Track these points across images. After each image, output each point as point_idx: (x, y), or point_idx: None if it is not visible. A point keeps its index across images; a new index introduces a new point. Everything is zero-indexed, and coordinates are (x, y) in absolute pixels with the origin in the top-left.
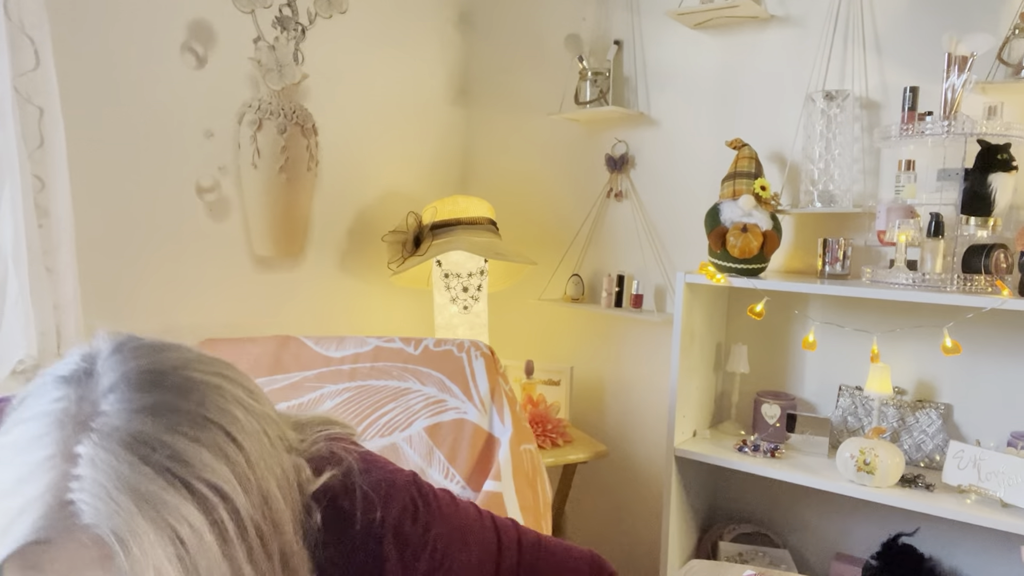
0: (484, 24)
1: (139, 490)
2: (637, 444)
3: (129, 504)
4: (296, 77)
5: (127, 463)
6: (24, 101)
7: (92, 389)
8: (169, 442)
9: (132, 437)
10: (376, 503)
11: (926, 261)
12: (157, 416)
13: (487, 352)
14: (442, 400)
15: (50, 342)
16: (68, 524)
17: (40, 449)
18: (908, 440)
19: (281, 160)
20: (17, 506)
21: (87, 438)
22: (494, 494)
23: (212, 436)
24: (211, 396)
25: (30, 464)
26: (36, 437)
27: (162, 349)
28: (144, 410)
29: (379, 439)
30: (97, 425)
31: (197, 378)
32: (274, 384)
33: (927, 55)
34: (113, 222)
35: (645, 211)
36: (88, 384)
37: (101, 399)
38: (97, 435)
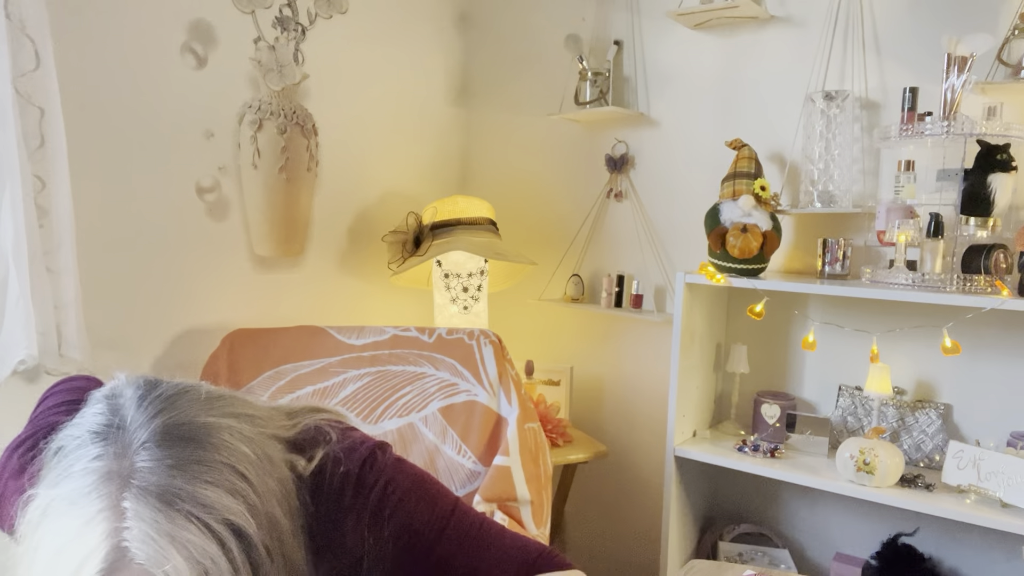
0: (484, 24)
1: (173, 535)
2: (637, 444)
3: (168, 546)
4: (296, 77)
5: (163, 514)
6: (24, 101)
7: (127, 446)
8: (192, 492)
9: (164, 491)
10: (342, 460)
11: (926, 261)
12: (182, 469)
13: (495, 340)
14: (454, 383)
15: (51, 342)
16: (125, 563)
17: (93, 503)
18: (908, 440)
19: (281, 160)
20: (84, 551)
21: (130, 493)
22: (503, 468)
23: (226, 478)
24: (223, 439)
25: (86, 516)
26: (86, 492)
27: (179, 396)
28: (172, 466)
29: (397, 419)
30: (136, 481)
31: (211, 423)
32: (303, 369)
33: (927, 55)
34: (113, 222)
35: (645, 211)
36: (121, 440)
37: (135, 456)
38: (137, 490)
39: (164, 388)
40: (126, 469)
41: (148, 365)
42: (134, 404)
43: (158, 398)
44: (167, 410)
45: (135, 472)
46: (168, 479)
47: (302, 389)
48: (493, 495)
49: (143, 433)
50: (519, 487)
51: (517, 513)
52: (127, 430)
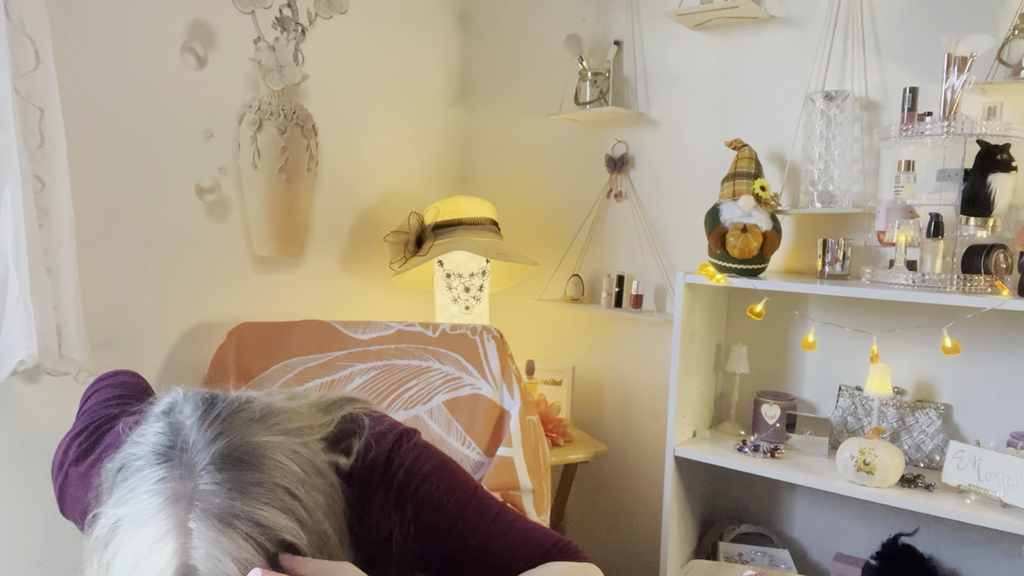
0: (484, 24)
1: (233, 554)
2: (637, 444)
3: (229, 563)
4: (296, 77)
5: (225, 534)
6: (24, 101)
7: (191, 468)
8: (250, 512)
9: (225, 512)
10: (372, 445)
11: (926, 261)
12: (241, 492)
13: (497, 335)
14: (459, 377)
15: (51, 342)
16: None
17: (162, 523)
18: (908, 440)
19: (281, 160)
20: (156, 567)
21: (194, 514)
22: (506, 459)
23: (279, 497)
24: (276, 459)
25: (156, 535)
26: (155, 513)
27: (235, 415)
28: (232, 489)
29: (403, 412)
30: (200, 503)
31: (265, 444)
32: (311, 362)
33: (927, 55)
34: (113, 222)
35: (645, 211)
36: (185, 462)
37: (198, 479)
38: (201, 511)
39: (221, 407)
40: (190, 491)
41: (148, 366)
42: (195, 425)
43: (217, 419)
44: (226, 433)
45: (198, 494)
46: (229, 501)
47: (310, 382)
48: (497, 484)
49: (205, 456)
50: (521, 477)
51: (519, 502)
52: (189, 452)
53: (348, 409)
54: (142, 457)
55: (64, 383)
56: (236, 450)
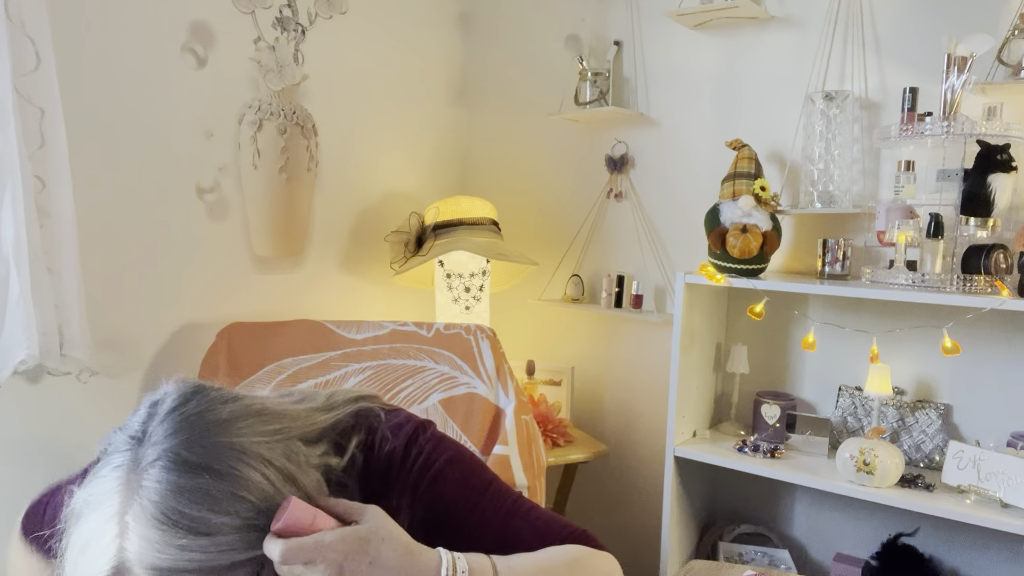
0: (484, 24)
1: (159, 567)
2: (637, 444)
3: (161, 559)
4: (296, 77)
5: (159, 533)
6: (25, 102)
7: (139, 461)
8: (194, 517)
9: (165, 514)
10: (389, 438)
11: (926, 262)
12: (188, 497)
13: (491, 334)
14: (454, 377)
15: (52, 342)
16: (124, 570)
17: (104, 511)
18: (908, 440)
19: (281, 160)
20: (96, 554)
21: (132, 509)
22: (502, 456)
23: (233, 508)
24: (236, 469)
25: (98, 522)
26: (101, 499)
27: (205, 413)
28: (177, 491)
29: None
30: (139, 498)
31: (229, 450)
32: (304, 363)
33: (927, 55)
34: (114, 222)
35: (645, 211)
36: (139, 453)
37: (144, 473)
38: (139, 508)
39: (195, 404)
40: (135, 483)
41: (149, 366)
42: (163, 418)
43: (183, 415)
44: (183, 431)
45: (141, 489)
46: (172, 503)
47: (304, 383)
48: None
49: (156, 451)
50: (517, 475)
51: None
52: (145, 444)
53: (358, 406)
54: (115, 440)
55: (65, 383)
56: (194, 452)
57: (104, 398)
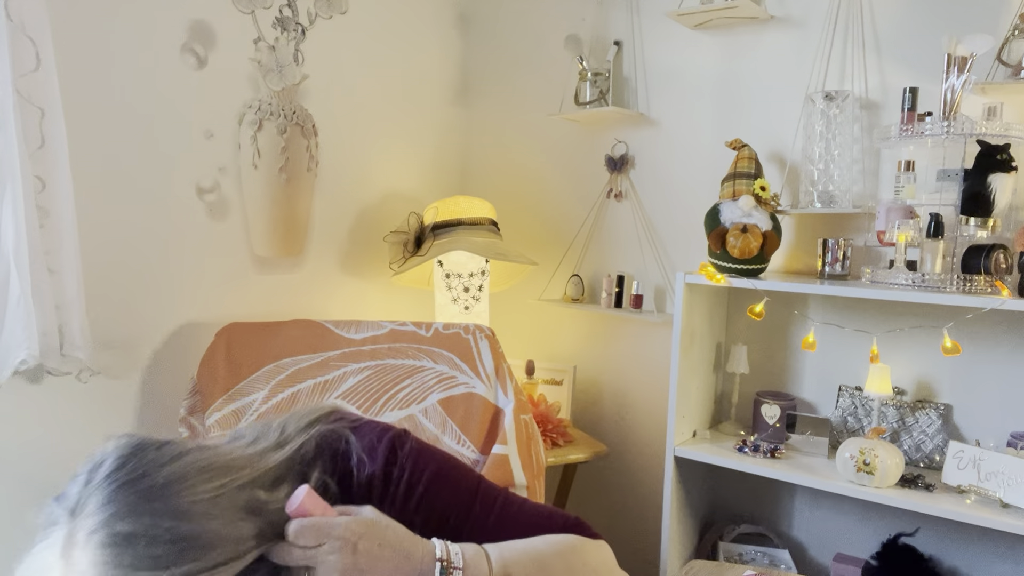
0: (484, 24)
1: None
2: (637, 444)
3: None
4: (296, 78)
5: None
6: (25, 102)
7: (75, 531)
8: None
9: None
10: (366, 462)
11: (926, 261)
12: (127, 562)
13: (489, 334)
14: (453, 376)
15: (52, 342)
16: None
17: (47, 551)
18: (908, 440)
19: (281, 160)
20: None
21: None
22: (501, 456)
23: (190, 561)
24: (186, 529)
25: (44, 551)
26: (45, 547)
27: (137, 480)
28: (114, 562)
29: (398, 411)
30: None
31: (173, 509)
32: (303, 363)
33: (927, 55)
34: (114, 222)
35: (645, 211)
36: (74, 525)
37: (78, 550)
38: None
39: (132, 467)
40: (70, 559)
41: (149, 366)
42: (96, 484)
43: (119, 483)
44: (120, 500)
45: (75, 566)
46: (111, 572)
47: (303, 383)
48: (493, 481)
49: (91, 523)
50: (516, 474)
51: None
52: (79, 516)
53: (316, 431)
54: (52, 512)
55: (66, 383)
56: (123, 521)
57: (104, 398)
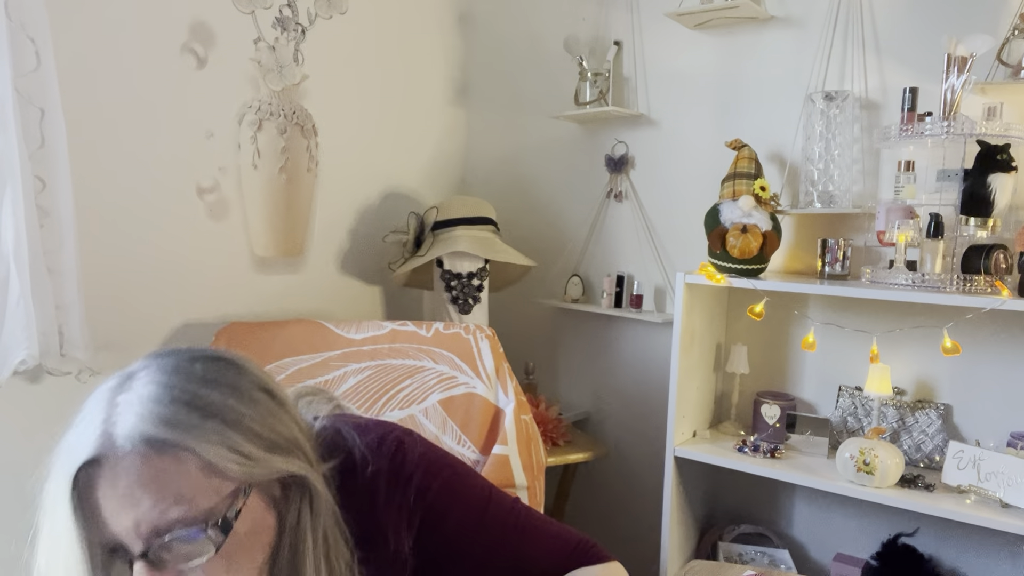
0: (484, 24)
1: (161, 416)
2: (637, 444)
3: (153, 426)
4: (296, 78)
5: (151, 408)
6: (25, 102)
7: (130, 376)
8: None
9: (161, 386)
10: (369, 458)
11: (926, 262)
12: (184, 384)
13: (490, 334)
14: (453, 376)
15: (52, 342)
16: (111, 446)
17: (91, 415)
18: (908, 440)
19: (281, 160)
20: (79, 443)
21: (122, 395)
22: (502, 456)
23: (233, 416)
24: (243, 385)
25: (84, 423)
26: (86, 413)
27: (217, 371)
28: (172, 382)
29: (398, 411)
30: (131, 389)
31: (232, 380)
32: (304, 363)
33: (927, 55)
34: (114, 222)
35: (645, 211)
36: (127, 375)
37: (134, 381)
38: (131, 392)
39: (203, 364)
40: (125, 387)
41: None
42: (165, 364)
43: (179, 356)
44: (180, 367)
45: (133, 382)
46: (172, 380)
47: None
48: (493, 482)
49: (146, 372)
50: (517, 474)
51: None
52: (135, 374)
53: (324, 415)
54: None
55: (66, 383)
56: (179, 370)
57: None
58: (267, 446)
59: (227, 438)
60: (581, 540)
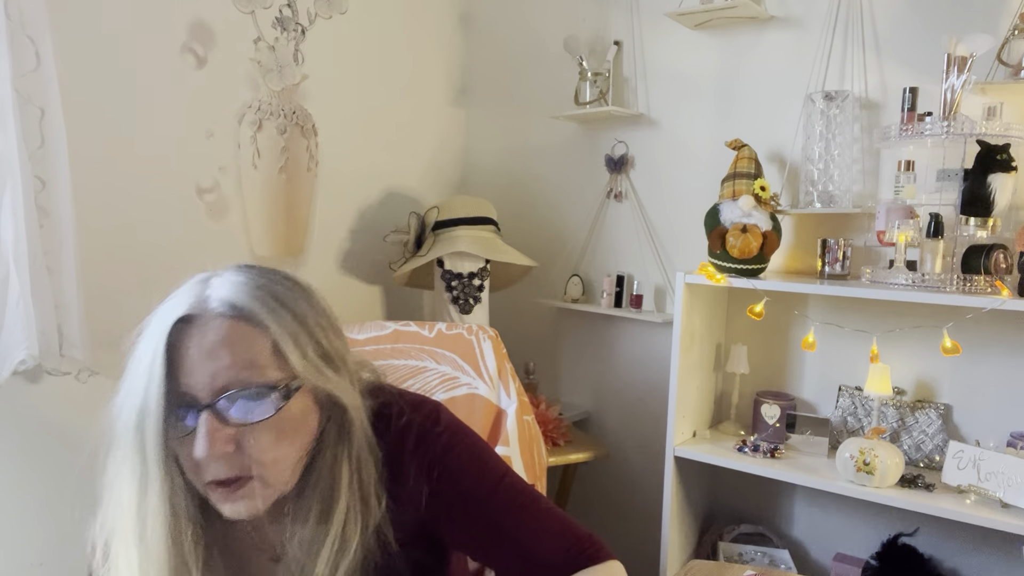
0: (484, 24)
1: (236, 302)
2: (637, 444)
3: (245, 297)
4: (296, 78)
5: (242, 284)
6: (25, 102)
7: (217, 272)
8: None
9: (247, 276)
10: (406, 410)
11: (925, 261)
12: (268, 278)
13: (493, 335)
14: (455, 377)
15: (52, 342)
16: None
17: (187, 290)
18: (908, 440)
19: (281, 160)
20: (174, 306)
21: (214, 280)
22: (504, 457)
23: (305, 314)
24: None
25: (178, 295)
26: (178, 292)
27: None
28: (258, 279)
29: None
30: (221, 275)
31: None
32: None
33: (927, 55)
34: (113, 222)
35: (645, 211)
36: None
37: (222, 273)
38: (221, 277)
39: (279, 276)
40: (216, 275)
41: None
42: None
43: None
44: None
45: (223, 273)
46: (255, 275)
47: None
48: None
49: (233, 271)
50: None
51: None
52: (221, 276)
53: (367, 370)
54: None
55: (65, 383)
56: (255, 276)
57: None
58: (322, 354)
59: (295, 331)
60: (585, 536)
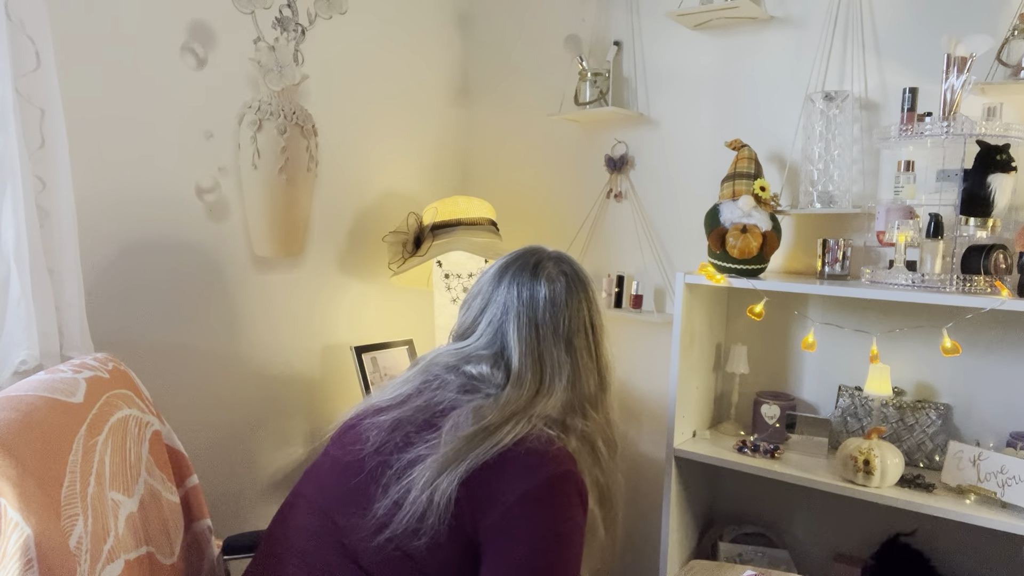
0: (484, 24)
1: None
2: (637, 444)
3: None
4: (296, 78)
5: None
6: (25, 102)
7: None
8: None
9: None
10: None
11: (925, 262)
12: None
13: None
14: None
15: (52, 343)
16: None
17: None
18: (908, 440)
19: (281, 161)
20: None
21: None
22: None
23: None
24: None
25: None
26: None
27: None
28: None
29: None
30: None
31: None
32: None
33: (926, 56)
34: (113, 222)
35: (645, 212)
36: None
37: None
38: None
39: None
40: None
41: (148, 367)
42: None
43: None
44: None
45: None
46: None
47: None
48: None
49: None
50: None
51: None
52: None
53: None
54: None
55: None
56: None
57: None
58: (553, 330)
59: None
60: None
